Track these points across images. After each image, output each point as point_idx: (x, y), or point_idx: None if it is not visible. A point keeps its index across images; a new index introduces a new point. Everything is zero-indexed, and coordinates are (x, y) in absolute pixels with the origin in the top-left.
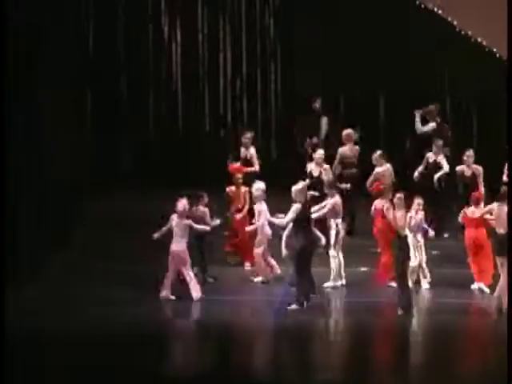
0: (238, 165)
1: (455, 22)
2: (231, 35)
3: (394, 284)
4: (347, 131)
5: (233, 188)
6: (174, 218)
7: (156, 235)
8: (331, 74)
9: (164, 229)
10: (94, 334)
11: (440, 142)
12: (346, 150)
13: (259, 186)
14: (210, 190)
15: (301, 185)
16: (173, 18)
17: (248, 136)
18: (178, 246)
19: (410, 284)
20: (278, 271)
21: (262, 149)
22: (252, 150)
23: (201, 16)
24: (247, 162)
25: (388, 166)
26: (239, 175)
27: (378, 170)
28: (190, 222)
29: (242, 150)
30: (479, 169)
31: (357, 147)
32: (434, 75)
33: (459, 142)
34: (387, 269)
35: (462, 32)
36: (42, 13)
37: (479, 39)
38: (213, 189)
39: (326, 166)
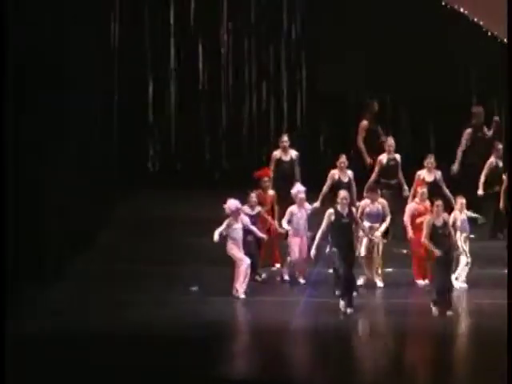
0: (265, 169)
1: (481, 22)
2: (256, 36)
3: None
4: (389, 140)
5: (260, 192)
6: (232, 222)
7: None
8: (355, 75)
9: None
10: (116, 334)
11: (500, 146)
12: (386, 159)
13: (302, 189)
14: (232, 192)
15: (343, 192)
16: (195, 19)
17: (286, 139)
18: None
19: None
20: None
21: None
22: (295, 154)
23: (226, 16)
24: (282, 165)
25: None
26: (266, 178)
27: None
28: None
29: (279, 152)
30: None
31: (397, 156)
32: (460, 74)
33: None
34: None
35: (489, 32)
36: (63, 11)
37: (501, 37)
38: (235, 191)
39: (350, 172)
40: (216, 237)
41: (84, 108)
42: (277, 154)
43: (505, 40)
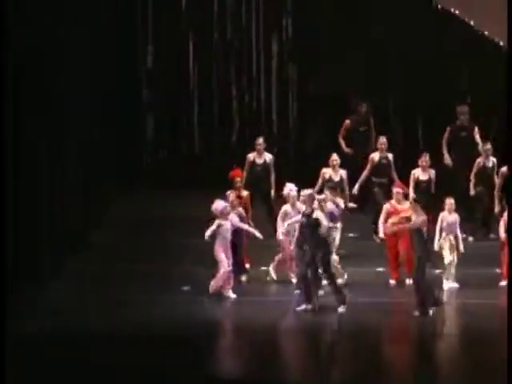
0: (237, 169)
1: (472, 23)
2: (246, 37)
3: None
4: (382, 139)
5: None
6: (222, 223)
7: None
8: (347, 76)
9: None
10: (116, 334)
11: (488, 146)
12: (378, 157)
13: (294, 188)
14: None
15: (309, 190)
16: (187, 19)
17: (260, 142)
18: (228, 251)
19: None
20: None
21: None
22: (269, 157)
23: (216, 17)
24: (255, 168)
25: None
26: (238, 179)
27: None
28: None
29: (253, 155)
30: None
31: (389, 155)
32: (454, 76)
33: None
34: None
35: (480, 33)
36: (63, 11)
37: (496, 39)
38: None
39: (343, 171)
40: (208, 233)
41: (83, 108)
42: (251, 156)
43: (499, 41)
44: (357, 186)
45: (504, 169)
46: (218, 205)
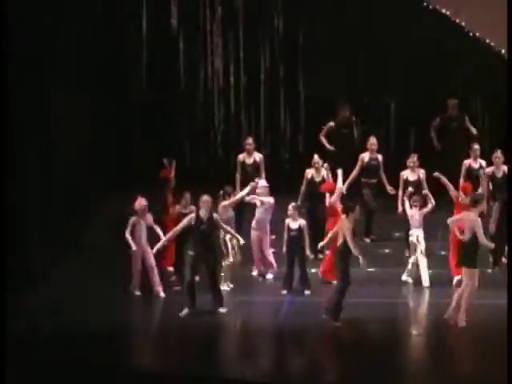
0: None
1: (463, 23)
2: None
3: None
4: (372, 139)
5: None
6: (137, 221)
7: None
8: (340, 77)
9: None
10: (106, 333)
11: (476, 146)
12: (368, 158)
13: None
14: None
15: (205, 196)
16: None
17: (250, 142)
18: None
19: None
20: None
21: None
22: (259, 156)
23: (206, 17)
24: (246, 168)
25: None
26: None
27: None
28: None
29: (243, 155)
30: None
31: (379, 156)
32: (444, 76)
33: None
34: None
35: (470, 33)
36: (55, 11)
37: (487, 40)
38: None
39: (325, 172)
40: (127, 235)
41: (80, 107)
42: (241, 157)
43: (492, 43)
44: (345, 186)
45: (488, 169)
46: (140, 201)
